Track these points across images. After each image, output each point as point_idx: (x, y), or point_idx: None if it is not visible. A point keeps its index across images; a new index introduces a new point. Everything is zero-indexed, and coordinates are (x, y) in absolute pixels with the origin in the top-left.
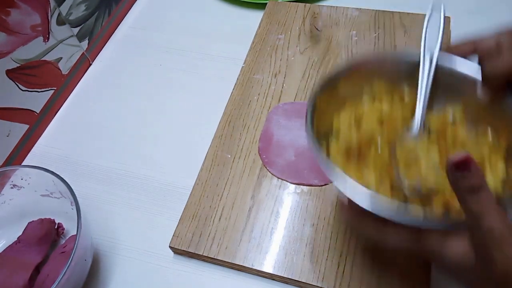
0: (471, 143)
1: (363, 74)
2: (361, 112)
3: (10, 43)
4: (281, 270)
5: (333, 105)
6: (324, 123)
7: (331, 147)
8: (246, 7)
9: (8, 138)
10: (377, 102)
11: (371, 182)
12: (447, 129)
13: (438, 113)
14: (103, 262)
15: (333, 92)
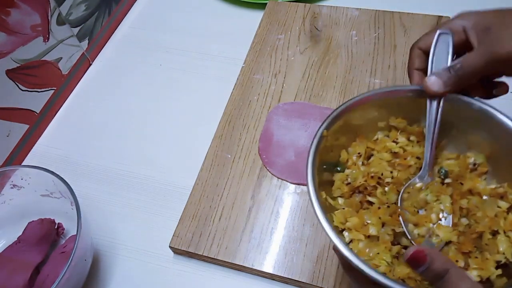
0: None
1: (379, 108)
2: (372, 147)
3: (10, 43)
4: (281, 270)
5: (343, 137)
6: (331, 155)
7: (335, 179)
8: (246, 7)
9: (8, 138)
10: (390, 140)
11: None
12: (465, 176)
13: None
14: (103, 262)
15: (345, 124)
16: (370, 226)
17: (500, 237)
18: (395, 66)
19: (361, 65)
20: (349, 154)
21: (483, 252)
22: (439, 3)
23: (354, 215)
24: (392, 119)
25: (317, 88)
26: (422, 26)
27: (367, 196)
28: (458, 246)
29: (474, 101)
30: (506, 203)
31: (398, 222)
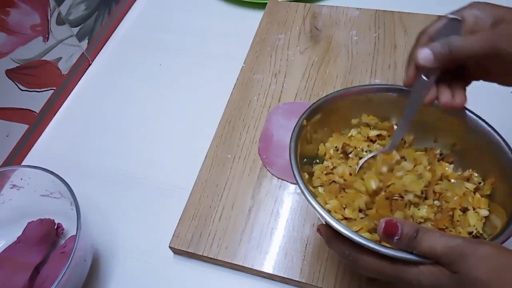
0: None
1: (353, 105)
2: (348, 143)
3: (10, 43)
4: (281, 271)
5: (321, 131)
6: (310, 148)
7: (315, 170)
8: (246, 7)
9: (7, 138)
10: (363, 138)
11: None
12: (435, 162)
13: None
14: (103, 262)
15: (322, 118)
16: (346, 210)
17: (470, 212)
18: (395, 66)
19: (361, 65)
20: (326, 148)
21: (456, 227)
22: (439, 3)
23: (333, 198)
24: (364, 116)
25: (317, 88)
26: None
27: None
28: (435, 222)
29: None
30: (472, 184)
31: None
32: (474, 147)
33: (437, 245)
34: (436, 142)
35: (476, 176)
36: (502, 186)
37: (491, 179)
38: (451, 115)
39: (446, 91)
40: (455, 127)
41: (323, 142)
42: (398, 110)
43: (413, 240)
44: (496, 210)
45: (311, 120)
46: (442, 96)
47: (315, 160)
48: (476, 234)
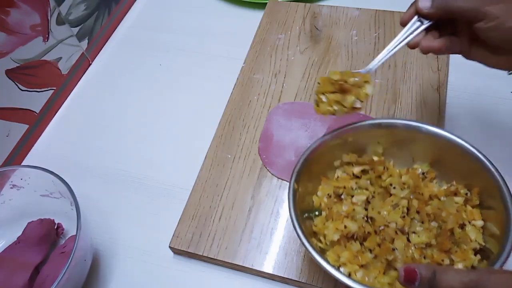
0: (445, 197)
1: (332, 150)
2: (337, 185)
3: (10, 43)
4: (281, 271)
5: (310, 184)
6: (306, 204)
7: (316, 222)
8: (246, 7)
9: (7, 138)
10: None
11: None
12: (420, 185)
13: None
14: (103, 262)
15: (308, 173)
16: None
17: (468, 227)
18: (395, 66)
19: (361, 65)
20: (319, 197)
21: (460, 245)
22: None
23: (344, 249)
24: (345, 155)
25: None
26: None
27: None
28: (438, 247)
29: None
30: (461, 197)
31: (388, 251)
32: (452, 161)
33: (454, 282)
34: (414, 162)
35: (462, 189)
36: (487, 193)
37: (476, 189)
38: (424, 134)
39: (430, 38)
40: (430, 144)
41: (314, 193)
42: (372, 141)
43: (433, 281)
44: (490, 217)
45: (300, 181)
46: (424, 40)
47: (313, 213)
48: (481, 247)
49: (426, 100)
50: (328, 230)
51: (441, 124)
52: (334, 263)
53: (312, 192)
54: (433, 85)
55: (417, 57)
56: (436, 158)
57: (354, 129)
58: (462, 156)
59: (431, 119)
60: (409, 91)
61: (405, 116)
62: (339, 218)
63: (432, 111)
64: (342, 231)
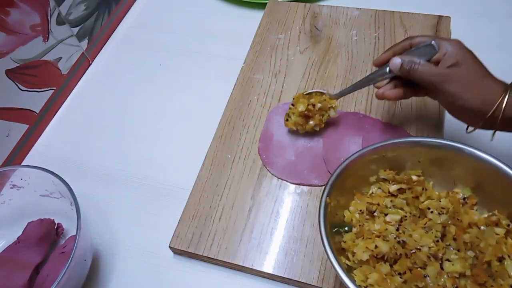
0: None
1: (369, 164)
2: (370, 201)
3: (10, 43)
4: (281, 271)
5: (342, 198)
6: (337, 218)
7: (346, 238)
8: (246, 7)
9: (7, 138)
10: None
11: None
12: (460, 211)
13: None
14: (103, 262)
15: (342, 187)
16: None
17: (507, 261)
18: None
19: (361, 65)
20: (351, 213)
21: (496, 279)
22: (439, 3)
23: (373, 270)
24: (381, 171)
25: (317, 88)
26: (422, 26)
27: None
28: (473, 278)
29: (445, 141)
30: (502, 229)
31: (419, 277)
32: (496, 188)
33: None
34: (455, 185)
35: (504, 219)
36: None
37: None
38: (468, 156)
39: (388, 87)
40: (474, 168)
41: (346, 208)
42: (412, 159)
43: None
44: None
45: (332, 195)
46: (383, 88)
47: (343, 228)
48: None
49: (426, 100)
50: (357, 249)
51: (441, 124)
52: (361, 283)
53: (344, 206)
54: None
55: None
56: (479, 183)
57: (394, 145)
58: (507, 184)
59: (431, 119)
60: None
61: (405, 116)
62: (371, 237)
63: (432, 111)
64: (372, 251)
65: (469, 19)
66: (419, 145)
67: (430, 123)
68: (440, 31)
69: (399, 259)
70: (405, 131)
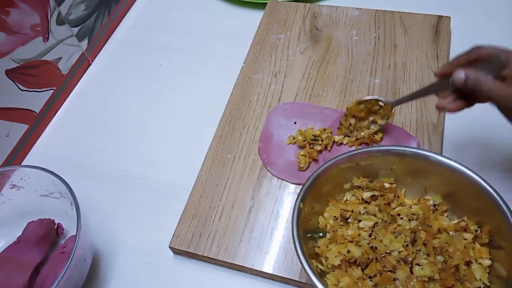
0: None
1: (343, 172)
2: (344, 208)
3: (10, 43)
4: (281, 271)
5: (317, 205)
6: (311, 224)
7: (320, 243)
8: (246, 7)
9: (7, 138)
10: (358, 201)
11: None
12: (430, 217)
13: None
14: (103, 262)
15: (316, 193)
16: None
17: (474, 265)
18: (395, 66)
19: (361, 65)
20: (326, 219)
21: (464, 282)
22: (439, 3)
23: (345, 274)
24: (355, 179)
25: (317, 88)
26: (422, 26)
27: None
28: (441, 282)
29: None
30: (470, 234)
31: (389, 281)
32: (465, 196)
33: None
34: (426, 192)
35: (472, 225)
36: (498, 232)
37: (487, 227)
38: (439, 165)
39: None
40: (444, 177)
41: (321, 214)
42: (385, 168)
43: None
44: (498, 258)
45: (306, 201)
46: (444, 101)
47: (318, 234)
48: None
49: (426, 100)
50: (330, 253)
51: (441, 124)
52: (333, 287)
53: (318, 213)
54: None
55: (417, 57)
56: (449, 191)
57: (368, 153)
58: (476, 192)
59: (431, 119)
60: (409, 91)
61: (405, 116)
62: (343, 242)
63: (432, 111)
64: (344, 256)
65: (469, 19)
66: (391, 154)
67: (430, 123)
68: (440, 31)
69: (370, 263)
70: (405, 131)
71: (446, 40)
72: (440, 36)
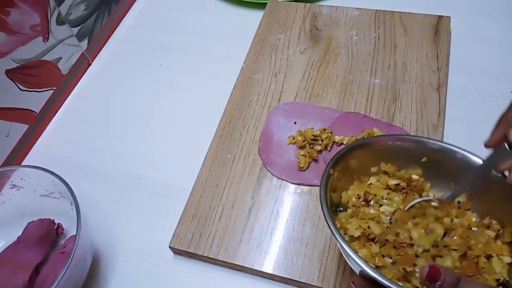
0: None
1: (373, 153)
2: (368, 191)
3: (10, 43)
4: (281, 271)
5: (343, 179)
6: (334, 196)
7: (340, 217)
8: (246, 7)
9: (7, 138)
10: (382, 186)
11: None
12: (453, 211)
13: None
14: (103, 262)
15: (345, 166)
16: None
17: (494, 259)
18: (395, 66)
19: (361, 65)
20: (348, 195)
21: (482, 274)
22: (439, 3)
23: (363, 247)
24: (383, 164)
25: (317, 88)
26: (422, 26)
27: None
28: (462, 270)
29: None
30: (493, 231)
31: (409, 262)
32: (490, 196)
33: None
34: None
35: (496, 224)
36: None
37: (510, 228)
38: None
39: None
40: (472, 176)
41: (345, 189)
42: (413, 160)
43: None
44: None
45: (336, 169)
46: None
47: (339, 208)
48: (503, 281)
49: (426, 100)
50: (350, 226)
51: (441, 124)
52: None
53: (343, 187)
54: (433, 85)
55: (417, 57)
56: (475, 191)
57: (399, 140)
58: (501, 193)
59: (431, 119)
60: (409, 91)
61: (405, 116)
62: (365, 218)
63: (432, 111)
64: (364, 230)
65: (469, 19)
66: (424, 145)
67: (430, 123)
68: (440, 31)
69: (387, 245)
70: (405, 131)
71: (446, 40)
72: (440, 36)
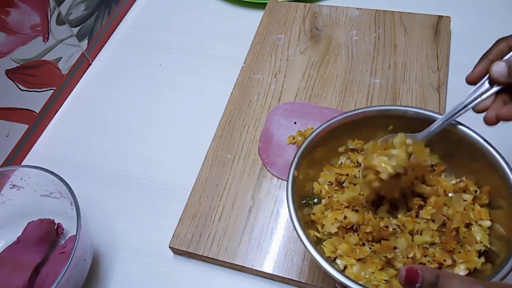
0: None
1: (337, 135)
2: (339, 172)
3: (10, 43)
4: (281, 271)
5: (312, 171)
6: (306, 190)
7: (315, 210)
8: (246, 7)
9: (7, 138)
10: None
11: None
12: (427, 175)
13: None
14: (103, 262)
15: (310, 159)
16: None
17: (474, 227)
18: (395, 66)
19: (361, 65)
20: (320, 184)
21: (464, 245)
22: (439, 3)
23: (342, 241)
24: (350, 142)
25: (317, 88)
26: (422, 26)
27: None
28: (442, 246)
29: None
30: (470, 195)
31: (388, 249)
32: (464, 156)
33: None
34: None
35: (472, 186)
36: (498, 192)
37: (486, 187)
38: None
39: (498, 105)
40: (442, 136)
41: (316, 180)
42: (381, 128)
43: (435, 286)
44: (497, 218)
45: (300, 168)
46: (493, 109)
47: (312, 200)
48: (485, 249)
49: (426, 100)
50: (326, 221)
51: None
52: (331, 255)
53: (313, 178)
54: (433, 85)
55: (417, 57)
56: (447, 151)
57: (362, 114)
58: (474, 151)
59: None
60: (409, 91)
61: None
62: (340, 208)
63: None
64: (341, 222)
65: (469, 18)
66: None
67: None
68: (440, 31)
69: (367, 227)
70: None
71: (446, 40)
72: (440, 36)
